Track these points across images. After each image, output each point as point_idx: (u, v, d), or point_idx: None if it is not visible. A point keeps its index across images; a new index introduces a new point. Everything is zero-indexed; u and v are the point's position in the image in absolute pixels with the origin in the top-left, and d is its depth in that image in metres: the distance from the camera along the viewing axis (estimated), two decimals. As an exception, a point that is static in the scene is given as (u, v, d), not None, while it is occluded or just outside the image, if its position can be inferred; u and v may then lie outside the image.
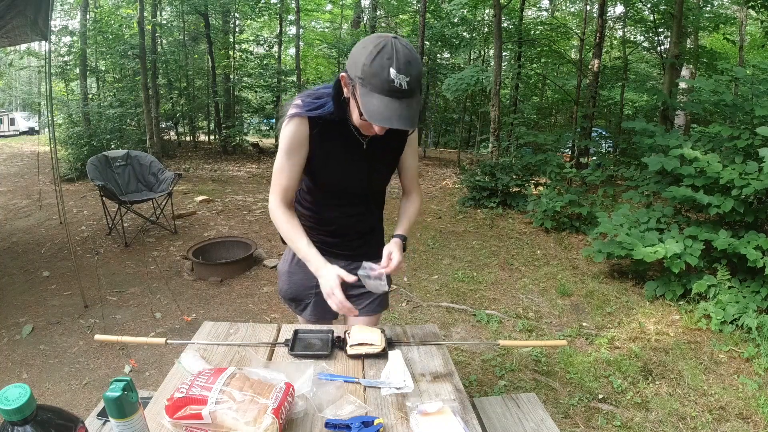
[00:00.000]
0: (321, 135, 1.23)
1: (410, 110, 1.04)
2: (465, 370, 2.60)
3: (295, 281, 1.48)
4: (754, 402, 2.37)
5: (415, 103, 1.06)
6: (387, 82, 1.01)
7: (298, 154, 1.25)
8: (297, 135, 1.22)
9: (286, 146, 1.24)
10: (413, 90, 1.03)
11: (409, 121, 1.04)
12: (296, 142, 1.23)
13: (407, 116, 1.04)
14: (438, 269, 4.20)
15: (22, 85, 25.46)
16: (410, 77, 1.01)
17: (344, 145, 1.25)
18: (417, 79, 1.04)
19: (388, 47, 1.01)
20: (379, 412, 0.95)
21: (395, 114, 1.03)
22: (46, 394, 2.35)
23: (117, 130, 9.51)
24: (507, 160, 6.78)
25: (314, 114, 1.20)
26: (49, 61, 3.80)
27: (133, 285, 3.69)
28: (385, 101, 1.03)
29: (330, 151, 1.26)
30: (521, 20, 10.60)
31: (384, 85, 1.01)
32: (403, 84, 1.01)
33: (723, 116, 4.83)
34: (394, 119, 1.03)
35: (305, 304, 1.49)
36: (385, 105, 1.03)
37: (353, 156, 1.28)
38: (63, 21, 11.62)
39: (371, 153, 1.28)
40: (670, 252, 3.36)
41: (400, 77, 1.00)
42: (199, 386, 0.86)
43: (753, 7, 6.83)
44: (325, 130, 1.22)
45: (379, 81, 1.01)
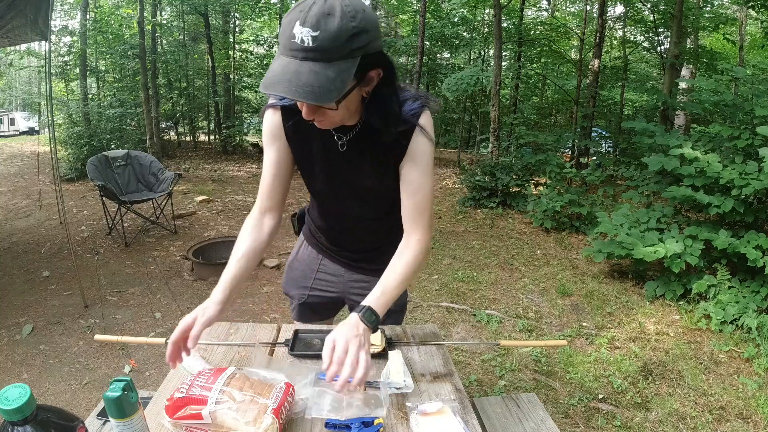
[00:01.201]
0: (294, 128, 1.06)
1: (314, 76, 0.77)
2: (465, 370, 2.60)
3: (292, 277, 1.41)
4: (754, 402, 2.37)
5: (331, 71, 0.78)
6: (288, 38, 0.78)
7: (273, 146, 1.10)
8: (270, 126, 1.08)
9: (264, 137, 1.10)
10: (325, 49, 0.76)
11: (301, 89, 0.77)
12: (270, 133, 1.09)
13: (300, 82, 0.77)
14: (438, 269, 4.20)
15: (22, 85, 25.45)
16: (321, 32, 0.75)
17: (319, 144, 1.07)
18: (334, 37, 0.76)
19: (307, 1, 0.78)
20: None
21: (283, 77, 0.78)
22: (46, 394, 2.35)
23: (117, 130, 9.52)
24: (507, 160, 6.77)
25: (285, 103, 1.04)
26: (49, 61, 3.80)
27: (133, 285, 3.69)
28: (280, 62, 0.80)
29: (304, 148, 1.10)
30: (521, 20, 10.59)
31: (285, 41, 0.78)
32: (306, 39, 0.76)
33: (723, 116, 4.83)
34: (280, 84, 0.78)
35: (295, 304, 1.42)
36: (277, 66, 0.79)
37: (329, 157, 1.08)
38: (63, 21, 11.63)
39: (351, 156, 1.06)
40: (670, 252, 3.37)
41: (303, 30, 0.76)
42: (199, 386, 0.86)
43: (753, 7, 6.83)
44: (300, 123, 1.01)
45: (282, 37, 0.79)
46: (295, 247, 1.44)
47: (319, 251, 1.36)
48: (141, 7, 9.01)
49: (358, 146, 1.04)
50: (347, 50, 0.78)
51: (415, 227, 1.07)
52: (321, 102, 0.80)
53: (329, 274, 1.36)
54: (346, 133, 1.03)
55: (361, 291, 1.33)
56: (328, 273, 1.36)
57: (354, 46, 0.79)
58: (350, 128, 1.03)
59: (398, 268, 1.04)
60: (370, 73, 0.88)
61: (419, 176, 1.03)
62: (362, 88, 0.90)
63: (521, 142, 7.56)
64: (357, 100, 0.93)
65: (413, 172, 1.03)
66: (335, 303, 1.42)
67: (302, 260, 1.39)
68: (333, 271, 1.35)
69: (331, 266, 1.35)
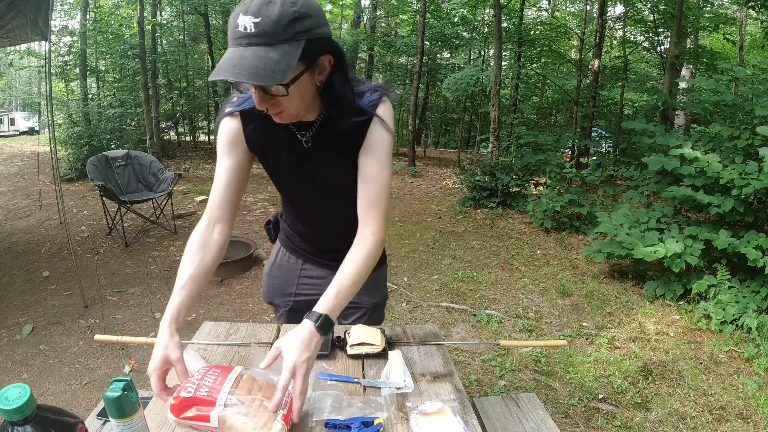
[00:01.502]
0: (256, 133, 1.05)
1: (258, 60, 0.79)
2: (465, 370, 2.60)
3: (273, 286, 1.39)
4: (754, 402, 2.37)
5: (275, 53, 0.80)
6: (233, 29, 0.81)
7: (230, 154, 1.07)
8: (228, 133, 1.06)
9: (220, 147, 1.08)
10: (266, 33, 0.79)
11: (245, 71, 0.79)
12: (228, 141, 1.06)
13: (244, 65, 0.79)
14: (438, 269, 4.20)
15: (22, 85, 25.45)
16: (262, 18, 0.79)
17: (283, 145, 1.06)
18: (275, 22, 0.79)
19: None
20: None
21: (229, 63, 0.80)
22: (46, 394, 2.35)
23: (117, 130, 9.51)
24: (507, 160, 6.77)
25: (243, 108, 1.03)
26: (49, 61, 3.80)
27: (133, 285, 3.69)
28: (227, 53, 0.82)
29: (268, 151, 1.09)
30: (521, 20, 10.60)
31: (231, 33, 0.82)
32: (248, 26, 0.79)
33: (723, 116, 4.83)
34: (226, 70, 0.80)
35: (282, 312, 1.39)
36: (226, 56, 0.82)
37: (295, 156, 1.08)
38: (63, 21, 11.62)
39: (316, 152, 1.06)
40: (670, 252, 3.37)
41: (246, 18, 0.79)
42: (207, 387, 0.84)
43: (753, 7, 6.83)
44: (262, 124, 1.02)
45: (229, 31, 0.83)
46: (272, 255, 1.41)
47: (298, 256, 1.34)
48: (141, 7, 9.01)
49: (322, 141, 1.04)
50: (290, 34, 0.81)
51: (369, 218, 1.05)
52: (266, 82, 0.81)
53: (313, 278, 1.33)
54: (308, 130, 1.03)
55: None
56: (312, 277, 1.33)
57: (296, 29, 0.81)
58: (311, 124, 1.03)
59: (351, 266, 1.01)
60: (320, 59, 0.89)
61: (375, 166, 1.03)
62: (315, 76, 0.91)
63: (521, 142, 7.56)
64: (311, 89, 0.93)
65: (369, 162, 1.03)
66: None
67: (282, 267, 1.37)
68: (316, 275, 1.33)
69: (313, 270, 1.33)
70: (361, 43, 12.30)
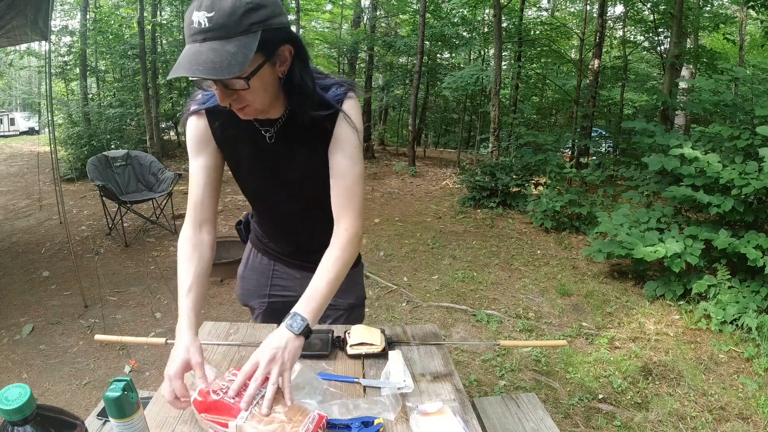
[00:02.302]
0: (222, 128, 1.04)
1: (214, 54, 0.78)
2: (465, 370, 2.60)
3: (247, 287, 1.36)
4: (754, 402, 2.37)
5: (231, 46, 0.79)
6: (188, 26, 0.80)
7: (202, 153, 1.06)
8: (196, 132, 1.05)
9: (190, 148, 1.06)
10: (221, 27, 0.78)
11: (202, 66, 0.78)
12: (197, 140, 1.05)
13: (200, 60, 0.78)
14: (438, 269, 4.20)
15: (22, 85, 25.45)
16: (215, 12, 0.78)
17: (247, 141, 1.05)
18: (228, 14, 0.78)
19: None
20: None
21: (184, 60, 0.79)
22: (46, 394, 2.35)
23: (117, 130, 9.51)
24: (507, 160, 6.77)
25: (208, 105, 1.02)
26: (49, 61, 3.81)
27: (133, 285, 3.69)
28: (185, 50, 0.81)
29: (233, 148, 1.07)
30: (521, 20, 10.59)
31: (187, 30, 0.81)
32: (202, 21, 0.78)
33: (723, 116, 4.83)
34: (182, 66, 0.79)
35: (257, 313, 1.36)
36: (182, 54, 0.81)
37: (259, 152, 1.06)
38: (63, 21, 11.63)
39: (280, 148, 1.05)
40: (670, 251, 3.37)
41: (199, 14, 0.78)
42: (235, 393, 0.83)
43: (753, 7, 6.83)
44: (226, 121, 1.02)
45: (185, 29, 0.82)
46: (244, 256, 1.39)
47: (270, 257, 1.32)
48: (141, 7, 9.01)
49: (286, 137, 1.04)
50: (245, 25, 0.79)
51: (343, 214, 1.04)
52: (223, 75, 0.79)
53: (285, 279, 1.32)
54: (273, 125, 1.03)
55: None
56: (283, 278, 1.32)
57: (251, 20, 0.80)
58: (276, 120, 1.02)
59: (328, 265, 1.00)
60: (279, 49, 0.87)
61: (346, 162, 1.03)
62: (276, 67, 0.90)
63: (521, 142, 7.56)
64: (274, 81, 0.92)
65: (339, 157, 1.03)
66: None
67: (254, 269, 1.35)
68: (288, 275, 1.32)
69: (285, 270, 1.32)
70: (361, 43, 12.28)
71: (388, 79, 13.95)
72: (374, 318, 3.25)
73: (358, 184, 1.05)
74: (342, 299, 1.32)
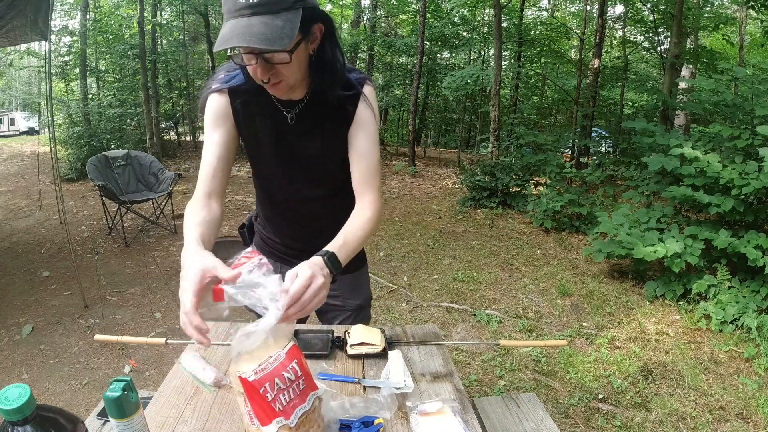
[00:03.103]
0: (243, 106, 1.07)
1: (265, 27, 0.83)
2: (465, 370, 2.60)
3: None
4: (754, 402, 2.37)
5: (279, 20, 0.84)
6: (235, 2, 0.84)
7: (220, 129, 1.08)
8: (216, 108, 1.07)
9: (208, 123, 1.09)
10: (269, 2, 0.83)
11: (257, 37, 0.82)
12: (216, 116, 1.08)
13: (253, 32, 0.82)
14: (438, 269, 4.20)
15: (22, 85, 25.44)
16: None
17: (269, 120, 1.08)
18: None
19: None
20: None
21: (235, 32, 0.83)
22: (46, 394, 2.35)
23: (117, 130, 9.51)
24: (507, 160, 6.78)
25: (230, 85, 1.06)
26: (49, 61, 3.80)
27: (133, 285, 3.69)
28: (230, 24, 0.85)
29: (252, 127, 1.10)
30: (521, 20, 10.60)
31: (230, 5, 0.85)
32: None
33: (723, 116, 4.83)
34: (234, 38, 0.83)
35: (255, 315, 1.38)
36: (228, 27, 0.85)
37: (278, 132, 1.09)
38: (63, 21, 11.62)
39: (300, 128, 1.08)
40: (670, 251, 3.37)
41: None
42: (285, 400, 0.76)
43: (753, 7, 6.83)
44: (248, 101, 1.06)
45: (226, 5, 0.86)
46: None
47: (276, 259, 1.30)
48: (141, 7, 9.01)
49: (307, 117, 1.07)
50: (290, 2, 0.85)
51: (367, 190, 1.08)
52: (275, 47, 0.84)
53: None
54: (294, 107, 1.06)
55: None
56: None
57: None
58: (298, 102, 1.06)
59: (358, 222, 1.02)
60: (312, 27, 0.92)
61: (367, 142, 1.07)
62: (309, 45, 0.94)
63: (521, 142, 7.57)
64: (305, 58, 0.96)
65: (361, 137, 1.07)
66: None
67: None
68: None
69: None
70: (361, 43, 12.30)
71: (388, 79, 13.95)
72: (374, 318, 3.25)
73: (378, 165, 1.10)
74: (350, 300, 1.34)
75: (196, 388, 1.00)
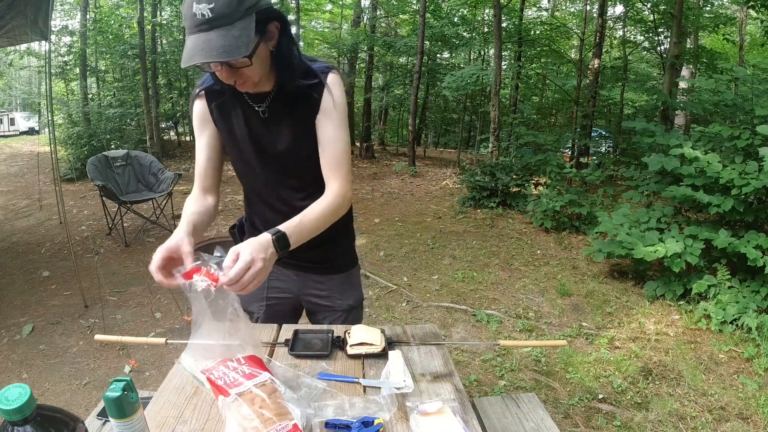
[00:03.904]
0: (219, 108, 1.14)
1: (223, 39, 0.89)
2: (465, 370, 2.60)
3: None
4: (754, 402, 2.37)
5: (235, 30, 0.89)
6: (190, 18, 0.90)
7: (204, 131, 1.17)
8: (198, 113, 1.16)
9: (195, 127, 1.18)
10: (224, 15, 0.88)
11: (216, 51, 0.88)
12: (199, 119, 1.17)
13: (212, 46, 0.88)
14: (438, 269, 4.20)
15: (22, 85, 25.45)
16: (215, 2, 0.87)
17: (241, 117, 1.14)
18: (227, 3, 0.88)
19: None
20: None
21: (197, 48, 0.90)
22: (46, 394, 2.35)
23: (117, 130, 9.51)
24: (507, 160, 6.78)
25: (206, 86, 1.14)
26: (49, 61, 3.81)
27: (133, 285, 3.69)
28: (190, 40, 0.91)
29: (229, 125, 1.16)
30: (521, 20, 10.60)
31: (189, 23, 0.90)
32: (205, 13, 0.88)
33: (723, 116, 4.83)
34: (196, 55, 0.89)
35: (256, 317, 1.36)
36: (189, 43, 0.91)
37: (252, 126, 1.14)
38: (63, 21, 11.63)
39: (272, 120, 1.13)
40: (670, 251, 3.36)
41: (200, 6, 0.88)
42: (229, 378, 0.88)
43: (753, 7, 6.83)
44: (222, 102, 1.13)
45: (187, 22, 0.91)
46: None
47: None
48: (141, 7, 9.01)
49: (278, 109, 1.12)
50: (242, 10, 0.90)
51: (333, 177, 1.12)
52: (235, 56, 0.90)
53: (282, 280, 1.33)
54: (264, 101, 1.11)
55: (317, 291, 1.33)
56: (281, 279, 1.33)
57: (246, 5, 0.91)
58: (266, 95, 1.11)
59: (317, 206, 1.08)
60: (268, 27, 0.99)
61: (332, 130, 1.11)
62: (267, 43, 1.00)
63: (521, 142, 7.56)
64: (266, 56, 1.02)
65: (326, 125, 1.11)
66: (294, 308, 1.39)
67: None
68: (285, 276, 1.33)
69: (282, 271, 1.32)
70: (361, 43, 12.29)
71: (388, 79, 13.95)
72: (374, 318, 3.25)
73: (345, 152, 1.13)
74: (341, 301, 1.34)
75: (196, 388, 1.00)
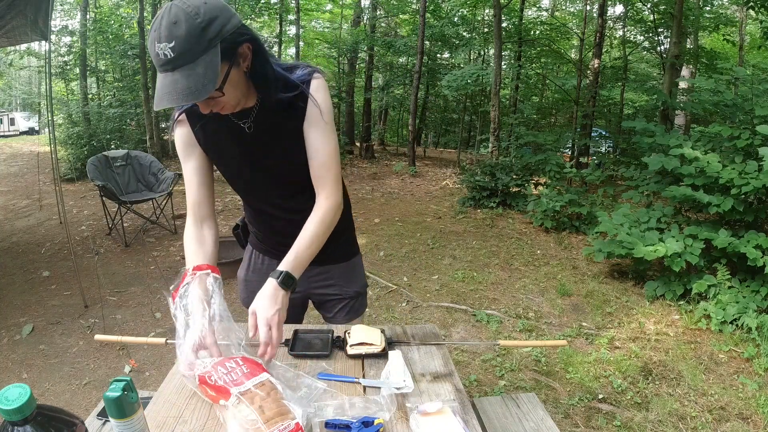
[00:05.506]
0: (203, 130, 1.11)
1: (188, 79, 0.85)
2: (465, 370, 2.60)
3: (252, 290, 1.32)
4: (754, 402, 2.37)
5: (199, 68, 0.85)
6: (155, 58, 0.86)
7: (191, 156, 1.14)
8: (182, 138, 1.13)
9: (180, 155, 1.15)
10: (185, 53, 0.84)
11: (182, 94, 0.85)
12: (184, 144, 1.13)
13: (178, 89, 0.85)
14: (438, 269, 4.20)
15: (22, 85, 25.45)
16: (175, 40, 0.83)
17: (228, 137, 1.11)
18: (187, 39, 0.83)
19: (157, 18, 0.86)
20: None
21: (164, 91, 0.87)
22: (46, 394, 2.35)
23: (117, 130, 9.52)
24: (507, 160, 6.78)
25: (185, 109, 1.11)
26: (49, 61, 3.81)
27: (133, 285, 3.69)
28: (159, 80, 0.88)
29: (216, 146, 1.14)
30: (521, 20, 10.60)
31: (155, 61, 0.87)
32: (167, 53, 0.84)
33: (723, 116, 4.83)
34: (164, 98, 0.86)
35: None
36: (159, 84, 0.88)
37: (240, 144, 1.11)
38: (63, 21, 11.63)
39: (259, 136, 1.10)
40: (670, 251, 3.36)
41: (161, 46, 0.84)
42: (228, 378, 0.88)
43: (753, 8, 6.82)
44: (206, 123, 1.10)
45: (153, 60, 0.88)
46: (245, 260, 1.41)
47: (272, 257, 1.32)
48: (141, 7, 9.01)
49: (263, 124, 1.09)
50: (204, 44, 0.85)
51: (322, 185, 1.12)
52: (202, 97, 0.87)
53: None
54: (249, 116, 1.08)
55: (323, 282, 1.35)
56: None
57: (208, 37, 0.86)
58: (250, 110, 1.07)
59: (309, 227, 1.10)
60: (239, 50, 0.93)
61: (317, 137, 1.09)
62: (240, 65, 0.96)
63: (521, 142, 7.56)
64: (242, 78, 0.98)
65: (312, 134, 1.09)
66: (302, 303, 1.41)
67: (258, 270, 1.36)
68: None
69: None
70: (361, 43, 12.28)
71: (388, 79, 13.94)
72: (374, 318, 3.25)
73: (333, 158, 1.12)
74: (347, 288, 1.37)
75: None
